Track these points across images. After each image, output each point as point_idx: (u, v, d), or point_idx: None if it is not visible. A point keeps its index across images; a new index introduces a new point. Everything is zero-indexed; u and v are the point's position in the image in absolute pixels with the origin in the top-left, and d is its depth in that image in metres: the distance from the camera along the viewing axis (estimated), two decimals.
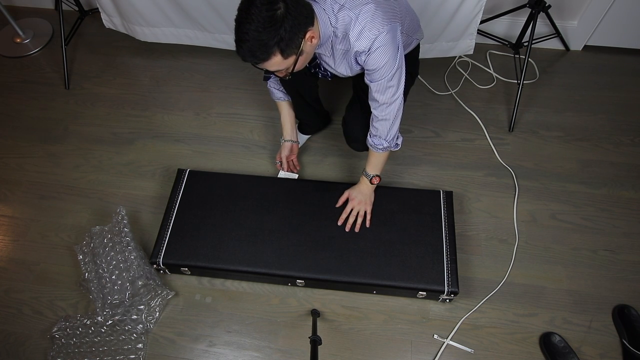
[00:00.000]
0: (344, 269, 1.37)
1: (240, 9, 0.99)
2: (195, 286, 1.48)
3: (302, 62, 1.11)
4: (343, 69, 1.26)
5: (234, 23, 1.01)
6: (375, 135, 1.31)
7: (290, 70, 1.10)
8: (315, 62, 1.29)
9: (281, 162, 1.59)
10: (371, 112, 1.28)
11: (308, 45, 1.07)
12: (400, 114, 1.26)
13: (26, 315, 1.45)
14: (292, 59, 1.06)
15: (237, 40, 1.01)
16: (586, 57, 2.00)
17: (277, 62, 1.04)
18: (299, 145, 1.65)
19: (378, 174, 1.40)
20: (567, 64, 1.99)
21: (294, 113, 1.55)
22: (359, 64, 1.19)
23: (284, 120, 1.54)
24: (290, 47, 1.03)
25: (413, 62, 1.48)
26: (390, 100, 1.20)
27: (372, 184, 1.42)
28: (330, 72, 1.33)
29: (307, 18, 1.04)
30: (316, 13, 1.09)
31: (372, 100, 1.24)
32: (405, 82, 1.21)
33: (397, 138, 1.33)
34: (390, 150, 1.35)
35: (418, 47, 1.48)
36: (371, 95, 1.22)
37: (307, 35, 1.05)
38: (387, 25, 1.10)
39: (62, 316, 1.44)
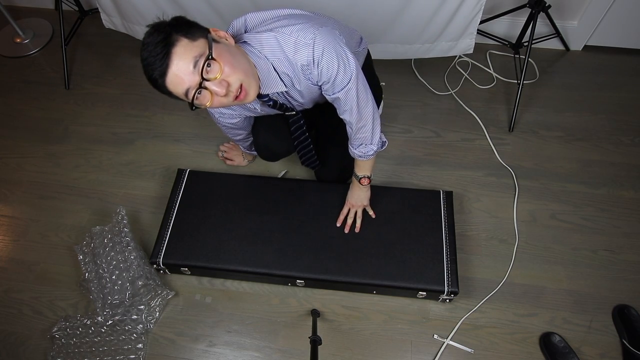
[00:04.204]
0: (344, 269, 1.37)
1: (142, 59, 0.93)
2: (195, 286, 1.48)
3: (227, 54, 0.93)
4: (307, 101, 1.20)
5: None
6: (362, 144, 1.24)
7: (209, 54, 0.90)
8: (278, 103, 1.19)
9: (225, 151, 1.73)
10: (346, 133, 1.23)
11: (222, 40, 0.96)
12: (377, 115, 1.19)
13: (26, 315, 1.45)
14: (202, 41, 0.91)
15: (142, 58, 0.93)
16: (586, 57, 2.00)
17: (185, 47, 0.89)
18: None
19: (367, 174, 1.35)
20: (567, 64, 1.99)
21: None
22: (315, 84, 1.09)
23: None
24: (191, 31, 0.91)
25: (370, 77, 1.35)
26: (364, 101, 1.12)
27: (361, 184, 1.37)
28: (299, 108, 1.28)
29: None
30: (247, 54, 1.02)
31: (346, 112, 1.13)
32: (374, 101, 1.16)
33: (382, 136, 1.27)
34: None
35: (369, 58, 1.43)
36: (343, 108, 1.12)
37: (213, 31, 0.95)
38: (320, 28, 1.00)
39: (62, 316, 1.44)
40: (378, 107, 1.31)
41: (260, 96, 1.13)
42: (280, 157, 1.56)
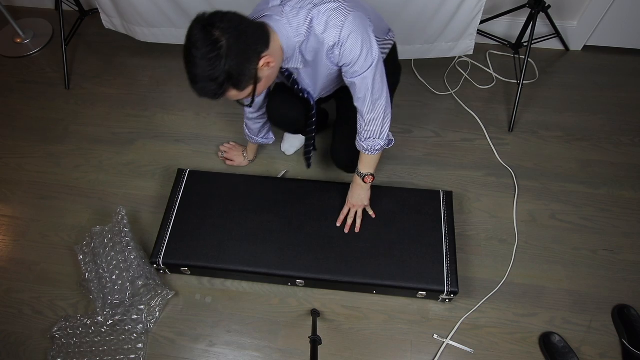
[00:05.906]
0: (344, 269, 1.37)
1: (184, 48, 0.94)
2: (195, 286, 1.48)
3: (263, 86, 1.07)
4: (322, 80, 1.21)
5: None
6: (369, 138, 1.25)
7: (251, 97, 1.06)
8: (292, 78, 1.24)
9: (226, 152, 1.74)
10: (358, 120, 1.24)
11: (265, 71, 1.03)
12: (390, 111, 1.21)
13: (26, 315, 1.46)
14: (249, 89, 1.03)
15: (190, 80, 0.97)
16: (586, 57, 2.00)
17: (234, 95, 1.02)
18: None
19: (372, 172, 1.35)
20: (567, 64, 1.99)
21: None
22: (335, 65, 1.13)
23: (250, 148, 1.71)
24: (242, 80, 0.98)
25: (394, 68, 1.37)
26: (379, 94, 1.15)
27: (365, 182, 1.37)
28: (310, 90, 1.29)
29: (257, 45, 0.99)
30: (273, 28, 1.05)
31: (359, 101, 1.17)
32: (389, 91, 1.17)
33: (389, 134, 1.28)
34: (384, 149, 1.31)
35: (395, 50, 1.44)
36: (357, 95, 1.16)
37: (261, 63, 1.00)
38: (352, 12, 1.04)
39: (62, 316, 1.44)
40: (393, 92, 1.33)
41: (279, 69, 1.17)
42: (290, 125, 1.52)
